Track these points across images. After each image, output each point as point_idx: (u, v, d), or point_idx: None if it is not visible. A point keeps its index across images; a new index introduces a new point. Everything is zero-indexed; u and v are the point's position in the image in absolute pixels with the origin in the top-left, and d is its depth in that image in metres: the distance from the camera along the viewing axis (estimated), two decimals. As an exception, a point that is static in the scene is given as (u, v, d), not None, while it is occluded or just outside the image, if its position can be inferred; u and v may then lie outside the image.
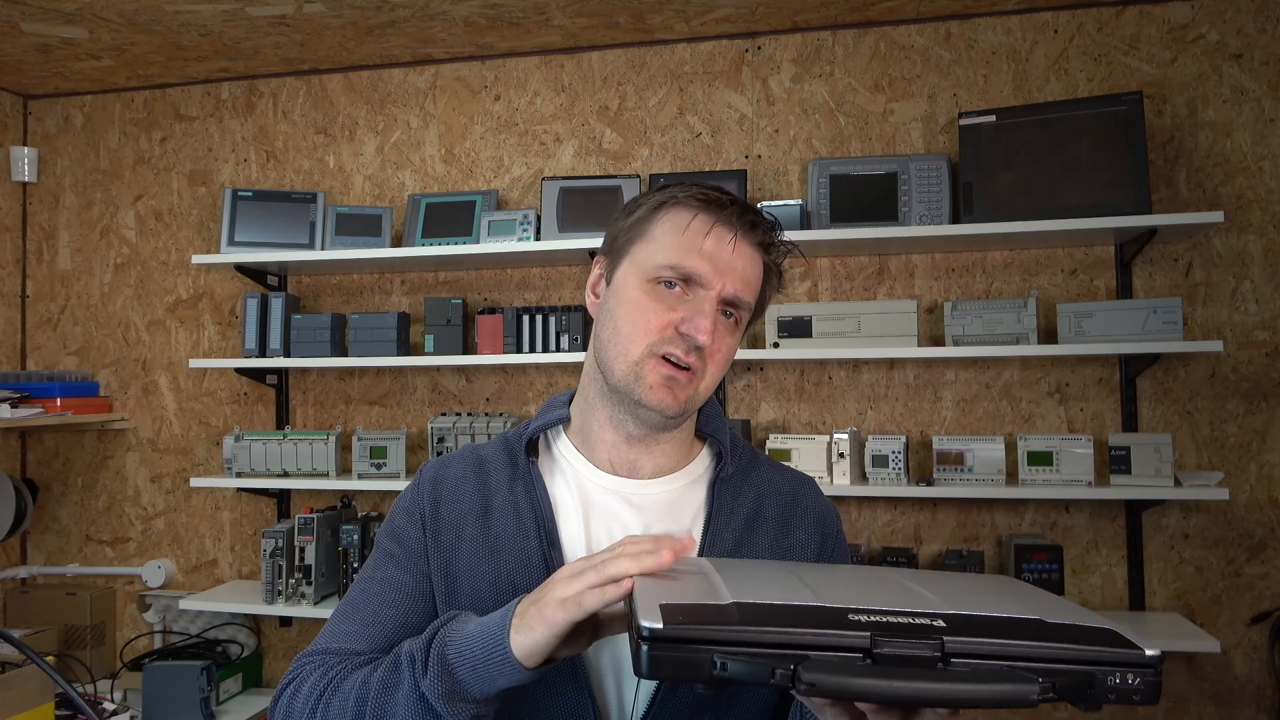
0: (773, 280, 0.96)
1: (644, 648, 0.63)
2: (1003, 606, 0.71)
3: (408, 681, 0.77)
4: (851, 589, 0.74)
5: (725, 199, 0.92)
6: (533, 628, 0.72)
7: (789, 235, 0.98)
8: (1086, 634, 0.66)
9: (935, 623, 0.65)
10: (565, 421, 1.01)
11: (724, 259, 0.89)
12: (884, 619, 0.65)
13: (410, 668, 0.78)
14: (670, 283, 0.89)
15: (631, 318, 0.90)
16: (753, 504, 0.98)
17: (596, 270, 0.98)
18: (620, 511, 0.95)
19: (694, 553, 0.72)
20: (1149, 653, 0.64)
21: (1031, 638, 0.64)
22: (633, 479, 0.97)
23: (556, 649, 0.74)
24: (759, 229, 0.92)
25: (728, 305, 0.91)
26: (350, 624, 0.92)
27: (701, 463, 1.01)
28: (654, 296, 0.90)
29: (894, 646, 0.63)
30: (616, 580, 0.71)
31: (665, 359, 0.89)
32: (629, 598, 0.71)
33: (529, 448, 0.98)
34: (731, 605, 0.67)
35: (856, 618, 0.65)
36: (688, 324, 0.87)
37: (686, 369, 0.89)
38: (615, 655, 0.90)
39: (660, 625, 0.63)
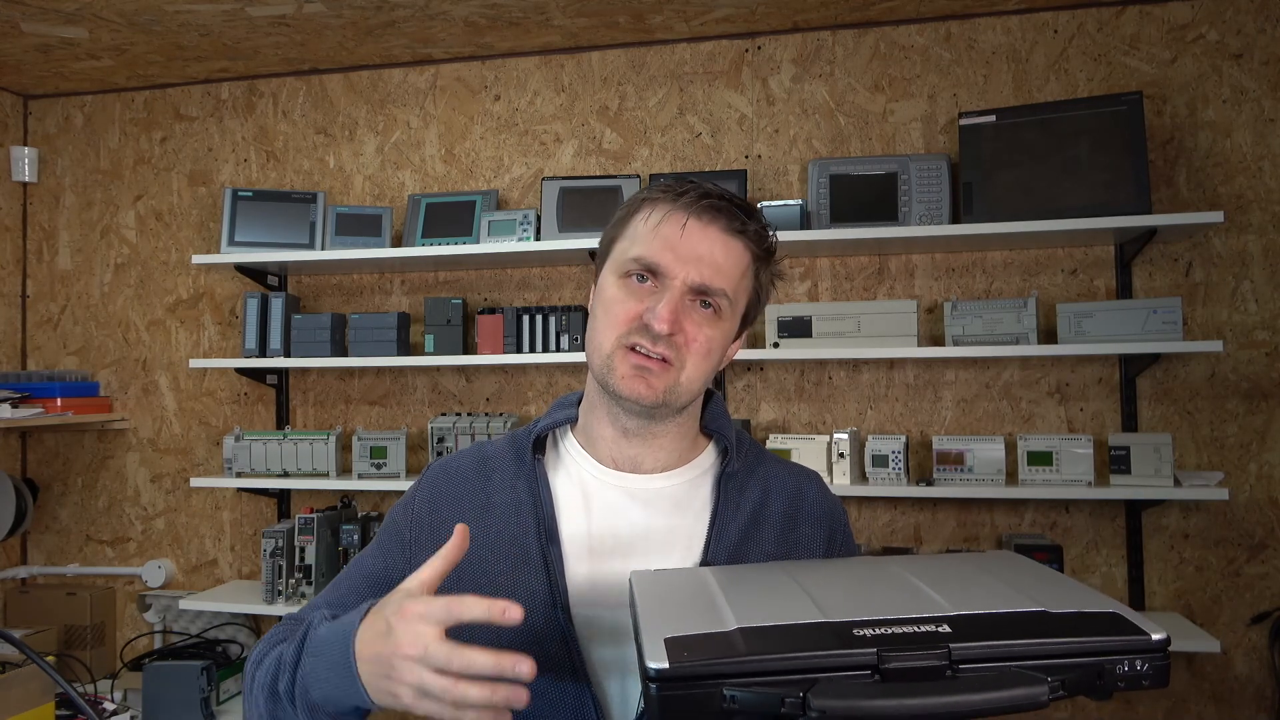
0: (761, 269, 0.96)
1: (653, 688, 0.63)
2: (1006, 598, 0.70)
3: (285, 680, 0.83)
4: (854, 595, 0.74)
5: (689, 187, 0.92)
6: (388, 702, 0.74)
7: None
8: (1091, 622, 0.66)
9: (940, 628, 0.65)
10: (573, 421, 1.02)
11: (686, 247, 0.90)
12: (889, 630, 0.65)
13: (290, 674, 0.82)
14: (641, 276, 0.91)
15: (604, 311, 0.92)
16: (758, 499, 0.99)
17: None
18: (623, 505, 0.96)
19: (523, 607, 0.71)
20: (1155, 636, 0.63)
21: (1037, 634, 0.64)
22: (636, 474, 0.97)
23: None
24: (721, 213, 0.91)
25: (701, 295, 0.91)
26: (329, 595, 0.98)
27: (707, 458, 1.02)
28: (625, 290, 0.91)
29: (901, 660, 0.62)
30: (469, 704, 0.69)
31: (635, 350, 0.90)
32: (632, 610, 0.70)
33: (536, 445, 0.99)
34: (736, 632, 0.66)
35: (862, 632, 0.65)
36: (649, 313, 0.88)
37: (660, 359, 0.89)
38: (617, 649, 0.90)
39: (666, 665, 0.62)
